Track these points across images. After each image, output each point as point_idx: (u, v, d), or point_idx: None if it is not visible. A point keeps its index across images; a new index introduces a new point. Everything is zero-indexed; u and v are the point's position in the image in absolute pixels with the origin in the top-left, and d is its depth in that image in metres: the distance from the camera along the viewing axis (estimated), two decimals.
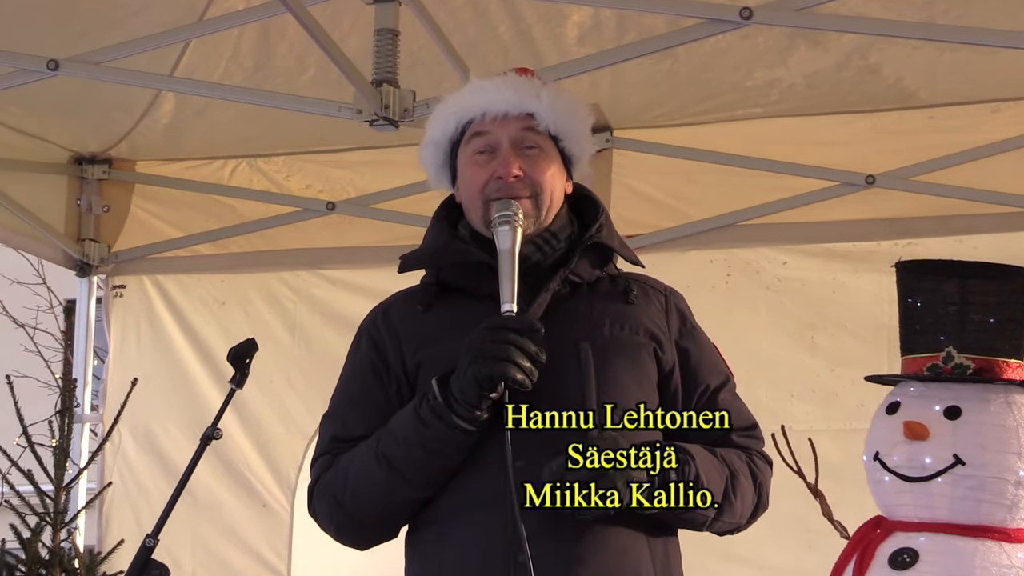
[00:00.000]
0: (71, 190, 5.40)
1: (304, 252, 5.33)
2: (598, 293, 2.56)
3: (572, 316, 2.50)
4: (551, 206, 2.55)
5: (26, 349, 13.30)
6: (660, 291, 2.65)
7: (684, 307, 2.67)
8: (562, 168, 2.59)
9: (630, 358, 2.50)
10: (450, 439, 2.40)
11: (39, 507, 4.91)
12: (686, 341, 2.61)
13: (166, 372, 5.36)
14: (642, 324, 2.54)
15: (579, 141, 2.61)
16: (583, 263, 2.55)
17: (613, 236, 2.60)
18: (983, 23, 3.97)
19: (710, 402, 2.59)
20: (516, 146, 2.54)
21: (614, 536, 2.40)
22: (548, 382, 2.39)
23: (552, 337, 2.41)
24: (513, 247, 2.43)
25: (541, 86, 2.59)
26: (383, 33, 3.96)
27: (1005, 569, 2.82)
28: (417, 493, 2.45)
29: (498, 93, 2.56)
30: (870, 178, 4.75)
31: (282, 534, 5.18)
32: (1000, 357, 2.93)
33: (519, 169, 2.51)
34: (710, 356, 2.64)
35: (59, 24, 4.35)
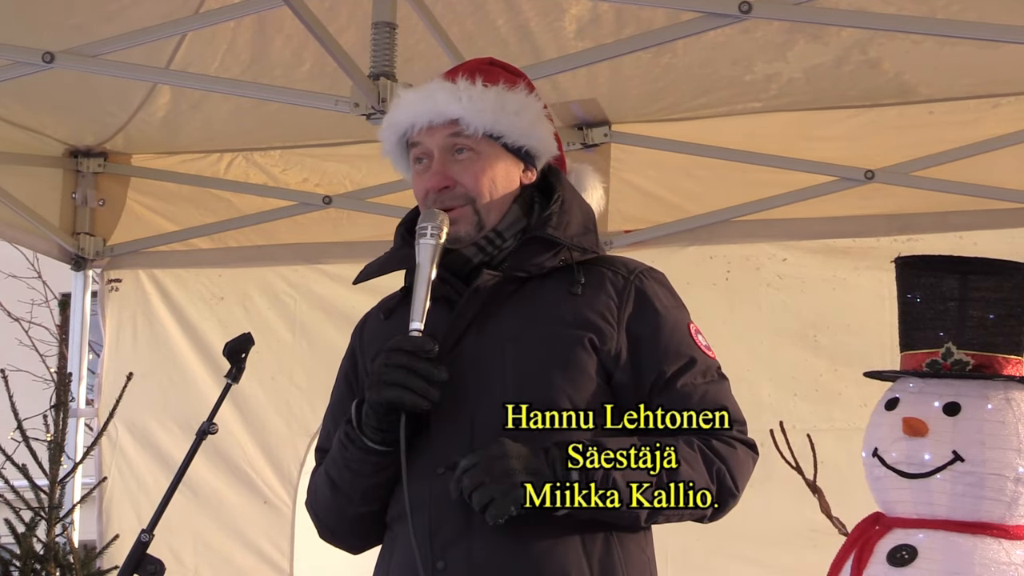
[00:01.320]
0: (66, 183, 5.39)
1: (302, 247, 5.32)
2: (546, 286, 2.47)
3: (510, 314, 2.44)
4: (492, 207, 2.49)
5: (21, 343, 13.31)
6: (623, 275, 2.51)
7: (652, 289, 2.51)
8: (512, 163, 2.53)
9: (561, 354, 2.40)
10: (365, 460, 2.42)
11: (34, 502, 4.90)
12: (639, 325, 2.45)
13: (162, 367, 5.35)
14: (581, 315, 2.43)
15: (523, 133, 2.52)
16: (526, 257, 2.47)
17: (566, 225, 2.50)
18: (983, 17, 3.96)
19: (667, 388, 2.43)
20: (447, 153, 2.50)
21: (536, 538, 2.33)
22: (474, 382, 2.39)
23: (485, 336, 2.41)
24: (430, 262, 2.40)
25: (466, 87, 2.52)
26: (380, 26, 3.95)
27: (1004, 566, 2.81)
28: (363, 508, 2.46)
29: (420, 104, 2.53)
30: (869, 173, 4.74)
31: (284, 530, 5.17)
32: (999, 353, 2.93)
33: (447, 180, 2.48)
34: (671, 339, 2.47)
35: (54, 17, 4.34)
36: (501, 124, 2.50)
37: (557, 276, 2.47)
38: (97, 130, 5.27)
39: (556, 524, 2.32)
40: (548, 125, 2.58)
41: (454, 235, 2.47)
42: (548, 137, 2.57)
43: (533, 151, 2.54)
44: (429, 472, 2.37)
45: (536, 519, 2.30)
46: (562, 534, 2.34)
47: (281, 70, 4.64)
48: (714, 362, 2.51)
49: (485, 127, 2.50)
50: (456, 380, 2.38)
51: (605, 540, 2.38)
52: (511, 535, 2.32)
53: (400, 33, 4.00)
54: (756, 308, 4.88)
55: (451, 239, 2.47)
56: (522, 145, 2.53)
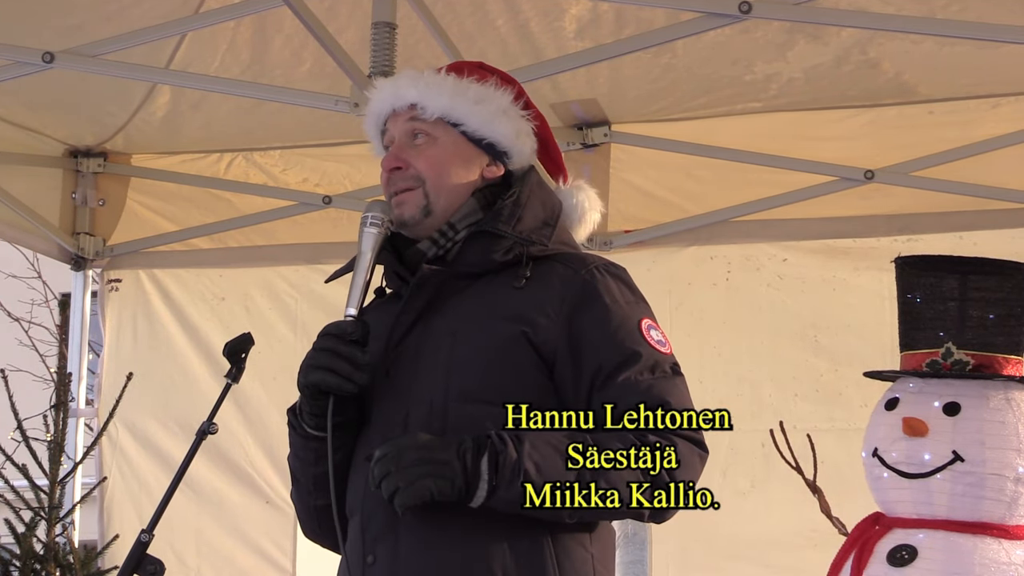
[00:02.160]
0: (66, 183, 5.39)
1: (302, 247, 5.32)
2: (495, 282, 2.43)
3: (453, 309, 2.43)
4: (443, 192, 2.47)
5: (21, 343, 13.31)
6: (575, 269, 2.44)
7: (603, 284, 2.43)
8: (472, 153, 2.51)
9: (493, 348, 2.37)
10: (306, 447, 2.46)
11: (34, 502, 4.90)
12: (583, 319, 2.39)
13: (163, 367, 5.35)
14: (518, 309, 2.39)
15: (483, 122, 2.50)
16: (474, 252, 2.45)
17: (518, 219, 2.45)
18: (983, 18, 3.96)
19: (607, 383, 2.35)
20: (406, 138, 2.50)
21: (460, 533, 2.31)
22: (413, 377, 2.39)
23: (428, 332, 2.42)
24: (371, 250, 2.42)
25: (430, 75, 2.53)
26: (380, 26, 3.95)
27: (1004, 566, 2.81)
28: (318, 500, 2.47)
29: (384, 91, 2.55)
30: (869, 173, 4.74)
31: (287, 530, 5.17)
32: (999, 353, 2.93)
33: (399, 161, 2.48)
34: (615, 334, 2.39)
35: (54, 17, 4.34)
36: (458, 110, 2.49)
37: (509, 271, 2.44)
38: (97, 130, 5.26)
39: (482, 519, 2.29)
40: (520, 123, 2.54)
41: (399, 218, 2.48)
42: (515, 133, 2.53)
43: (498, 145, 2.51)
44: (365, 466, 2.37)
45: (463, 514, 2.29)
46: (487, 529, 2.31)
47: (281, 70, 4.64)
48: (666, 358, 2.42)
49: (441, 110, 2.49)
50: (397, 375, 2.40)
51: (534, 536, 2.33)
52: (436, 530, 2.31)
53: (400, 33, 3.99)
54: (756, 308, 4.88)
55: (397, 223, 2.48)
56: (484, 136, 2.50)
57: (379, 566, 2.35)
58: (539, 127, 2.59)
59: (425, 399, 2.37)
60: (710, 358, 4.83)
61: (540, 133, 2.60)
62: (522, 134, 2.54)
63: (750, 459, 4.69)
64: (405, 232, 2.49)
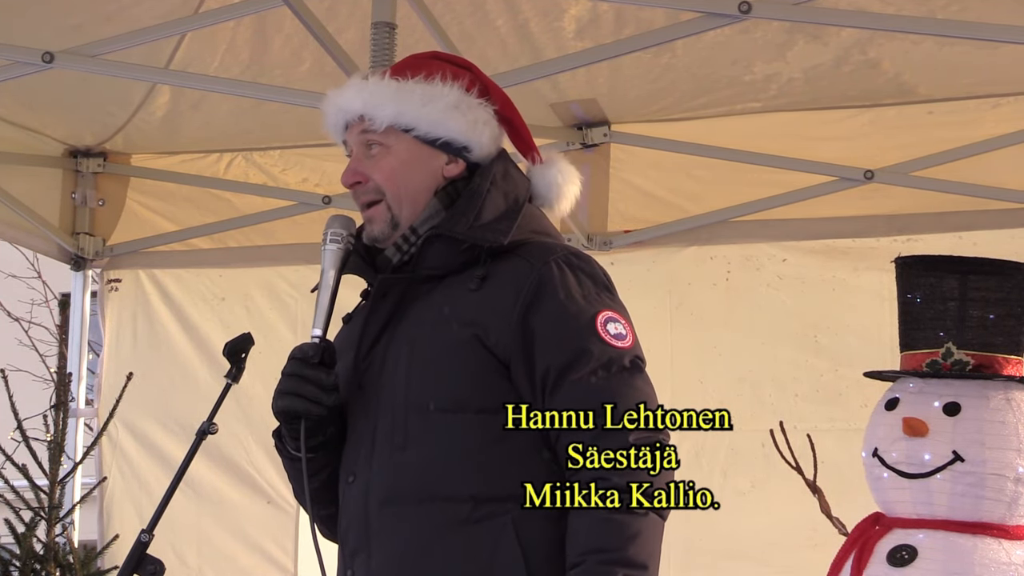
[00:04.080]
0: (66, 183, 5.39)
1: (302, 247, 5.31)
2: (454, 283, 2.39)
3: (414, 316, 2.41)
4: (404, 201, 2.44)
5: (21, 343, 13.30)
6: (532, 262, 2.36)
7: (558, 277, 2.34)
8: (429, 155, 2.46)
9: (444, 354, 2.33)
10: (293, 467, 2.46)
11: (34, 502, 4.90)
12: (535, 316, 2.31)
13: (163, 367, 5.35)
14: (470, 312, 2.34)
15: (434, 123, 2.45)
16: (430, 256, 2.40)
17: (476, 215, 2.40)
18: (983, 18, 3.96)
19: (558, 385, 2.28)
20: (362, 150, 2.48)
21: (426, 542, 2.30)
22: (379, 388, 2.38)
23: (393, 341, 2.40)
24: (333, 268, 2.43)
25: (374, 83, 2.50)
26: (380, 26, 3.95)
27: (1004, 566, 2.81)
28: (323, 511, 2.48)
29: (331, 104, 2.54)
30: (869, 173, 4.74)
31: (288, 530, 5.18)
32: (1000, 353, 2.93)
33: (358, 175, 2.46)
34: (564, 331, 2.31)
35: (54, 17, 4.34)
36: (406, 116, 2.45)
37: (469, 271, 2.39)
38: (97, 130, 5.26)
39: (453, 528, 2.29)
40: (476, 112, 2.48)
41: (370, 235, 2.46)
42: (471, 126, 2.47)
43: (454, 141, 2.46)
44: (343, 480, 2.40)
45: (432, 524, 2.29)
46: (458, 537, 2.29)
47: (280, 70, 4.64)
48: (622, 352, 2.31)
49: (389, 119, 2.45)
50: (367, 387, 2.39)
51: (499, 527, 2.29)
52: (406, 541, 2.31)
53: (400, 33, 3.99)
54: (757, 309, 4.88)
55: (369, 239, 2.47)
56: (437, 136, 2.46)
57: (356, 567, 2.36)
58: (500, 108, 2.52)
59: (388, 410, 2.36)
60: (710, 358, 4.83)
61: (504, 113, 2.52)
62: (479, 123, 2.48)
63: (750, 459, 4.69)
64: (379, 245, 2.47)
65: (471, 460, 2.30)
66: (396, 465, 2.33)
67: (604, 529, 2.22)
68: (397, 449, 2.33)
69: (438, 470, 2.31)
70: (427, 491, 2.30)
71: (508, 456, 2.31)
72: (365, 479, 2.36)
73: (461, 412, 2.32)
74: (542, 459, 2.32)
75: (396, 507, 2.32)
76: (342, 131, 2.53)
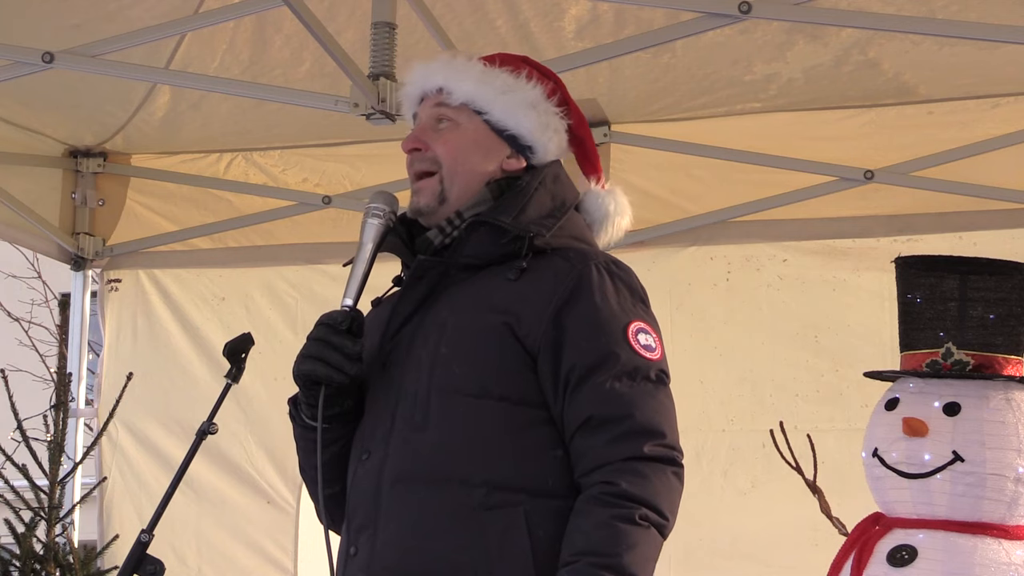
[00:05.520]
0: (66, 183, 5.38)
1: (302, 247, 5.32)
2: (492, 273, 2.40)
3: (447, 301, 2.41)
4: (458, 179, 2.45)
5: (21, 343, 13.31)
6: (573, 263, 2.38)
7: (597, 281, 2.37)
8: (493, 143, 2.49)
9: (474, 339, 2.34)
10: (305, 437, 2.46)
11: (34, 502, 4.90)
12: (569, 315, 2.33)
13: (163, 367, 5.35)
14: (505, 301, 2.35)
15: (507, 112, 2.48)
16: (472, 243, 2.41)
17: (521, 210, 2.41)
18: (983, 18, 3.96)
19: (580, 384, 2.30)
20: (431, 122, 2.50)
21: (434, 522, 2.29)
22: (403, 369, 2.39)
23: (422, 324, 2.41)
24: (371, 241, 2.43)
25: (461, 60, 2.53)
26: (380, 26, 3.95)
27: (1004, 566, 2.82)
28: (328, 488, 2.46)
29: (414, 75, 2.55)
30: (869, 173, 4.73)
31: (288, 530, 5.17)
32: (999, 353, 2.93)
33: (419, 143, 2.47)
34: (597, 333, 2.33)
35: (54, 17, 4.34)
36: (483, 98, 2.48)
37: (510, 263, 2.41)
38: (97, 130, 5.26)
39: (451, 504, 2.29)
40: (550, 119, 2.52)
41: (415, 206, 2.47)
42: (542, 127, 2.50)
43: (521, 137, 2.49)
44: (356, 456, 2.39)
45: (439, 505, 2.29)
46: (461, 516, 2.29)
47: (280, 70, 4.64)
48: (649, 364, 2.33)
49: (465, 96, 2.48)
50: (391, 366, 2.40)
51: (510, 517, 2.29)
52: (411, 520, 2.31)
53: (400, 33, 3.99)
54: (757, 309, 4.88)
55: (415, 211, 2.47)
56: (506, 127, 2.48)
57: (359, 557, 2.35)
58: (575, 125, 2.57)
59: (411, 391, 2.36)
60: (710, 358, 4.83)
61: (577, 132, 2.58)
62: (549, 129, 2.51)
63: (750, 459, 4.69)
64: (422, 220, 2.48)
65: (488, 446, 2.31)
66: (413, 444, 2.33)
67: (604, 534, 2.22)
68: (416, 429, 2.34)
69: (454, 453, 2.31)
70: (441, 472, 2.30)
71: (524, 448, 2.32)
72: (379, 457, 2.35)
73: (484, 398, 2.32)
74: (555, 456, 2.32)
75: (408, 486, 2.32)
76: (416, 103, 2.55)
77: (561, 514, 2.28)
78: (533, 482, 2.30)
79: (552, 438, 2.33)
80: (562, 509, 2.29)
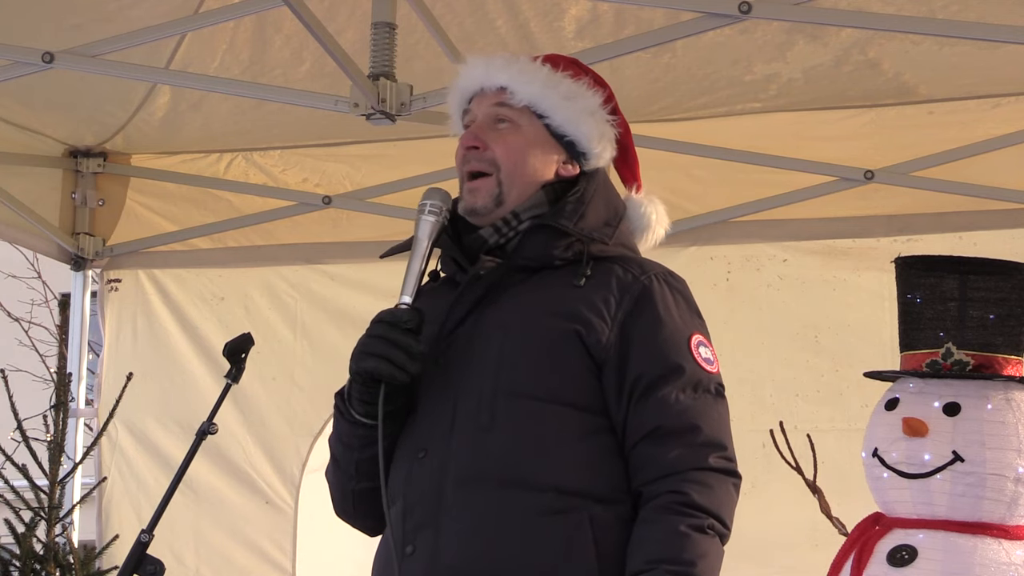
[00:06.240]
0: (66, 183, 5.38)
1: (302, 247, 5.31)
2: (553, 277, 2.43)
3: (508, 302, 2.42)
4: (516, 183, 2.47)
5: (21, 343, 13.31)
6: (634, 274, 2.43)
7: (659, 292, 2.43)
8: (552, 148, 2.51)
9: (543, 344, 2.37)
10: (353, 433, 2.43)
11: (34, 502, 4.90)
12: (634, 325, 2.38)
13: (162, 367, 5.35)
14: (573, 308, 2.38)
15: (569, 119, 2.50)
16: (533, 246, 2.43)
17: (580, 216, 2.44)
18: (983, 18, 3.96)
19: (646, 394, 2.35)
20: (489, 120, 2.50)
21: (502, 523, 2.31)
22: (462, 369, 2.39)
23: (481, 324, 2.41)
24: (427, 238, 2.41)
25: (525, 61, 2.53)
26: (380, 26, 3.95)
27: (1004, 566, 2.82)
28: (360, 484, 2.46)
29: (473, 69, 2.54)
30: (869, 173, 4.73)
31: (286, 530, 5.17)
32: (999, 353, 2.93)
33: (479, 141, 2.47)
34: (663, 345, 2.38)
35: (54, 17, 4.34)
36: (547, 101, 2.49)
37: (568, 269, 2.43)
38: (97, 130, 5.26)
39: (520, 507, 2.30)
40: (605, 127, 2.54)
41: (471, 206, 2.47)
42: (599, 136, 2.52)
43: (578, 144, 2.51)
44: (411, 454, 2.38)
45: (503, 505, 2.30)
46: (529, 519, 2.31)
47: (281, 70, 4.64)
48: (710, 377, 2.41)
49: (530, 99, 2.48)
50: (447, 365, 2.39)
51: (576, 522, 2.32)
52: (478, 521, 2.31)
53: (400, 33, 4.00)
54: (757, 309, 4.87)
55: (469, 211, 2.47)
56: (566, 133, 2.50)
57: (418, 556, 2.33)
58: (623, 134, 2.59)
59: (474, 391, 2.36)
60: None
61: (623, 140, 2.59)
62: (604, 139, 2.54)
63: (750, 459, 4.64)
64: (472, 219, 2.48)
65: (556, 451, 2.33)
66: (480, 446, 2.34)
67: (679, 542, 2.27)
68: (482, 430, 2.35)
69: (524, 456, 2.33)
70: (510, 475, 2.32)
71: (589, 454, 2.35)
72: (441, 456, 2.35)
73: (553, 403, 2.35)
74: (615, 463, 2.36)
75: (475, 487, 2.32)
76: (467, 100, 2.55)
77: (620, 520, 2.34)
78: (597, 488, 2.34)
79: (613, 445, 2.37)
80: (621, 515, 2.34)
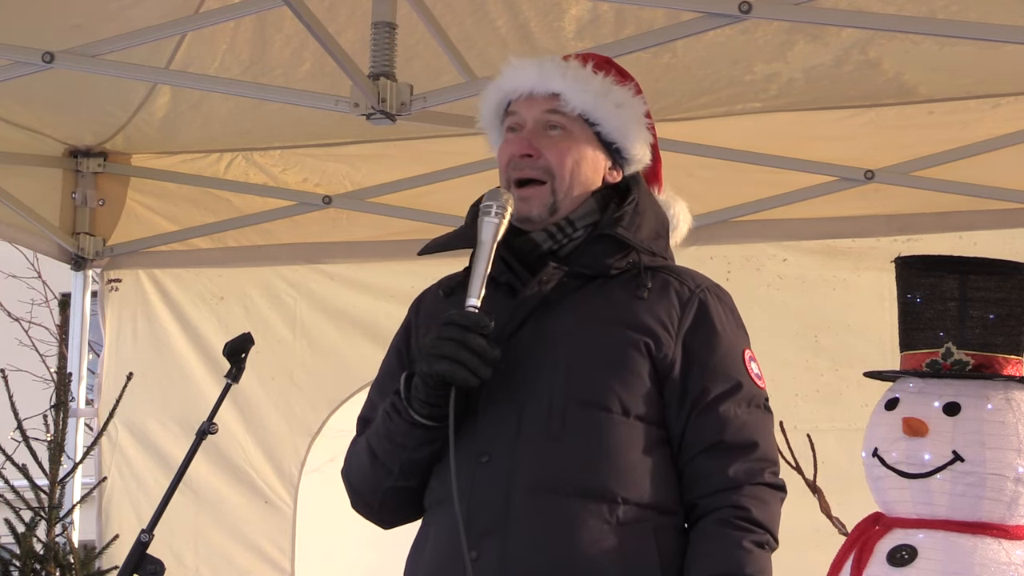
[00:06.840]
0: (66, 183, 5.38)
1: (301, 247, 5.31)
2: (611, 286, 2.45)
3: (569, 309, 2.43)
4: (570, 191, 2.48)
5: (21, 343, 13.31)
6: (690, 287, 2.48)
7: (714, 307, 2.48)
8: (601, 155, 2.52)
9: (614, 354, 2.39)
10: (409, 433, 2.41)
11: (34, 502, 4.90)
12: (695, 339, 2.43)
13: (163, 367, 5.35)
14: (640, 319, 2.41)
15: (619, 128, 2.52)
16: (594, 254, 2.46)
17: (637, 227, 2.48)
18: (983, 18, 3.96)
19: (708, 409, 2.40)
20: (540, 127, 2.49)
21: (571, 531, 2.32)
22: (526, 374, 2.38)
23: (542, 329, 2.41)
24: (492, 240, 2.39)
25: (575, 67, 2.53)
26: (380, 26, 3.96)
27: (1004, 566, 2.81)
28: (399, 482, 2.46)
29: (523, 71, 2.53)
30: (869, 173, 4.74)
31: (285, 530, 5.17)
32: (999, 353, 2.93)
33: (532, 149, 2.47)
34: (723, 360, 2.44)
35: (54, 17, 4.34)
36: (600, 110, 2.50)
37: (623, 278, 2.45)
38: (97, 130, 5.26)
39: (591, 517, 2.32)
40: (646, 133, 2.57)
41: (525, 214, 2.47)
42: (642, 142, 2.56)
43: (625, 151, 2.54)
44: (472, 459, 2.37)
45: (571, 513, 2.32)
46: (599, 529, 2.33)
47: (281, 70, 4.64)
48: (761, 392, 2.47)
49: (583, 108, 2.49)
50: (509, 370, 2.38)
51: (642, 532, 2.35)
52: (548, 530, 2.32)
53: (400, 33, 4.00)
54: (757, 309, 4.87)
55: (521, 218, 2.47)
56: (615, 141, 2.52)
57: (485, 562, 2.32)
58: (654, 138, 2.62)
59: (544, 398, 2.37)
60: None
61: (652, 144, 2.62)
62: (646, 143, 2.57)
63: None
64: (522, 226, 2.48)
65: (625, 463, 2.36)
66: (548, 454, 2.35)
67: (742, 557, 2.32)
68: (551, 438, 2.35)
69: (594, 467, 2.34)
70: (580, 484, 2.34)
71: (655, 466, 2.39)
72: (507, 462, 2.35)
73: (623, 415, 2.38)
74: (672, 475, 2.41)
75: (546, 495, 2.33)
76: (508, 100, 2.54)
77: (677, 530, 2.39)
78: (660, 499, 2.38)
79: (670, 457, 2.42)
80: (677, 525, 2.40)
